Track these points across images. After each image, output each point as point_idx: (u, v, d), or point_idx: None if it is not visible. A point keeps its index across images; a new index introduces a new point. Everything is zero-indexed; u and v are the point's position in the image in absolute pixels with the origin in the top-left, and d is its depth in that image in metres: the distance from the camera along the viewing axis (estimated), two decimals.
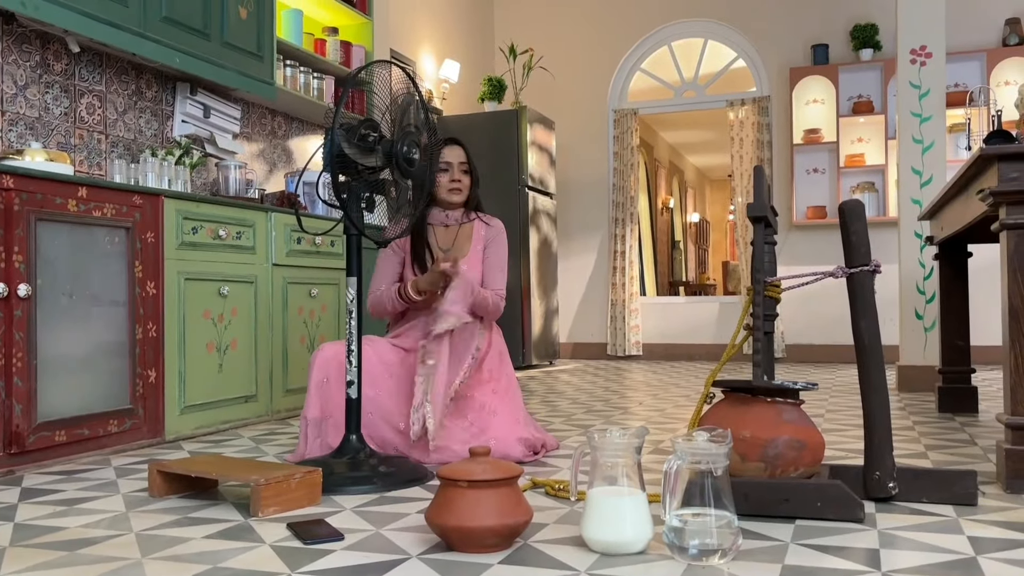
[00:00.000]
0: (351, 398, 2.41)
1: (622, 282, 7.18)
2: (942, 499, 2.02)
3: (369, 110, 2.45)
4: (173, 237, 3.11)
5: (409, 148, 2.39)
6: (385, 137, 2.41)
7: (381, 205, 2.54)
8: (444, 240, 2.91)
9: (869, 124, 6.68)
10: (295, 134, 4.91)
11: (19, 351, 2.50)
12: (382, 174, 2.44)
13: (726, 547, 1.57)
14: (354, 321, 2.43)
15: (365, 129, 2.38)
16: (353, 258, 2.46)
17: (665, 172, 12.57)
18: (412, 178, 2.46)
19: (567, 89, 7.42)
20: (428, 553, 1.65)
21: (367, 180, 2.41)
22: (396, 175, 2.43)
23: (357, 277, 2.45)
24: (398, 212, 2.53)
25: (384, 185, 2.45)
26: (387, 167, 2.40)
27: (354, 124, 2.38)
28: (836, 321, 6.59)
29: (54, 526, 1.90)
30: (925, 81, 4.56)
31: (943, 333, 3.75)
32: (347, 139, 2.34)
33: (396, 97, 2.47)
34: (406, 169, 2.40)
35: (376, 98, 2.51)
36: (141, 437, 2.97)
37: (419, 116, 2.47)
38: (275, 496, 1.99)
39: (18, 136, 3.25)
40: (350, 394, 2.41)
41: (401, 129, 2.42)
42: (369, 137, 2.38)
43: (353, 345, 2.41)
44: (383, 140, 2.40)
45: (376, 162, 2.38)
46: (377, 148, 2.38)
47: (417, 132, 2.44)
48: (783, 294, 2.16)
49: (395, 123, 2.44)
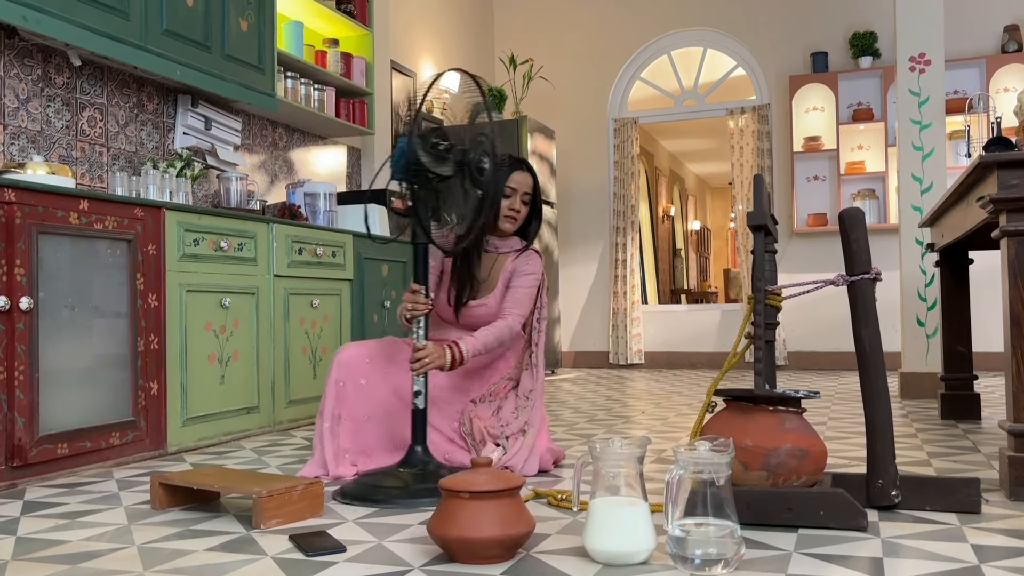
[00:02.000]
0: (418, 408, 2.37)
1: (623, 290, 7.18)
2: (945, 507, 2.02)
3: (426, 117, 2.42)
4: (174, 249, 3.11)
5: (480, 157, 2.36)
6: (456, 146, 2.38)
7: (450, 213, 2.49)
8: (482, 268, 2.81)
9: (869, 131, 6.69)
10: (296, 145, 4.93)
11: (21, 364, 2.51)
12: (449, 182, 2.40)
13: (728, 557, 1.56)
14: (421, 331, 2.39)
15: (435, 137, 2.35)
16: (420, 267, 2.42)
17: (666, 180, 12.58)
18: (481, 187, 2.41)
19: (567, 98, 7.44)
20: (430, 564, 1.65)
21: (435, 188, 2.38)
22: (467, 184, 2.39)
23: (425, 285, 2.42)
24: (464, 221, 2.47)
25: (453, 193, 2.41)
26: (457, 175, 2.37)
27: (425, 132, 2.35)
28: (838, 328, 6.58)
29: (56, 539, 1.90)
30: (924, 88, 4.57)
31: (945, 340, 3.75)
32: (422, 146, 2.30)
33: (466, 106, 2.45)
34: (477, 178, 2.37)
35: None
36: (143, 449, 2.96)
37: (488, 125, 2.41)
38: (277, 508, 1.98)
39: (20, 149, 3.26)
40: (417, 404, 2.37)
41: (473, 138, 2.39)
42: (440, 145, 2.35)
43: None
44: (454, 148, 2.37)
45: (448, 170, 2.36)
46: (448, 156, 2.35)
47: (488, 141, 2.39)
48: (784, 302, 2.16)
49: (467, 131, 2.41)
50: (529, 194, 2.78)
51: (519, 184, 2.75)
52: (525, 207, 2.79)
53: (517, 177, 2.75)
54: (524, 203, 2.78)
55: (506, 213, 2.75)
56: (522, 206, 2.77)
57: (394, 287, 4.53)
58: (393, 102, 5.78)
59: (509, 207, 2.75)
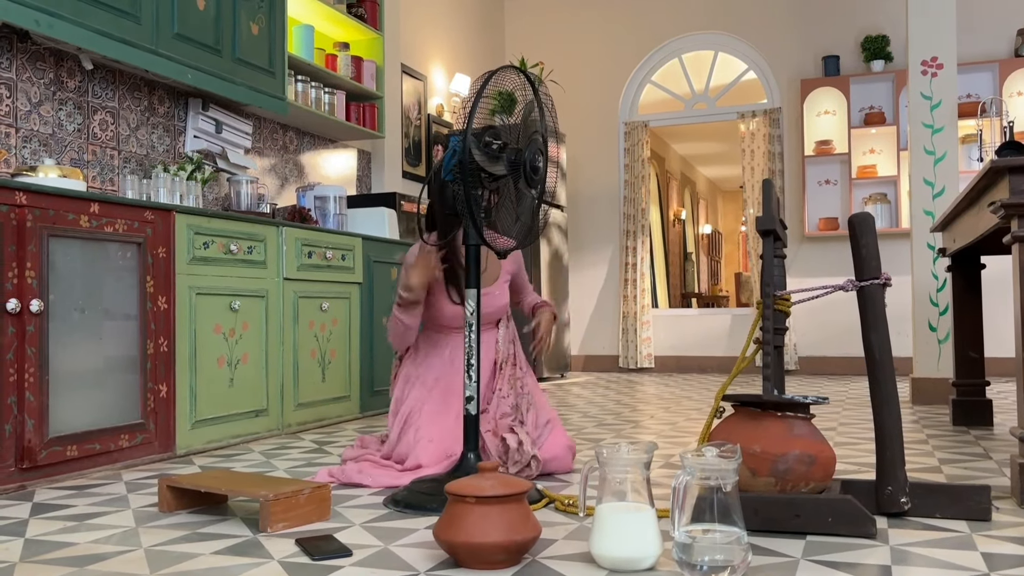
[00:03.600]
0: (470, 414, 2.31)
1: (633, 294, 7.17)
2: (955, 514, 2.00)
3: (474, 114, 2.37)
4: (184, 252, 3.12)
5: (535, 156, 2.30)
6: (509, 145, 2.31)
7: (503, 213, 2.42)
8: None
9: (881, 135, 6.66)
10: (306, 149, 4.94)
11: (31, 366, 2.52)
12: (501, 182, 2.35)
13: (735, 563, 1.55)
14: (474, 335, 2.31)
15: (488, 136, 2.29)
16: (472, 268, 2.34)
17: (677, 184, 12.56)
18: (535, 187, 2.35)
19: (577, 102, 7.43)
20: (436, 569, 1.65)
21: (488, 188, 2.33)
22: (522, 184, 2.34)
23: (477, 289, 2.34)
24: (518, 222, 2.40)
25: (506, 194, 2.36)
26: (511, 175, 2.31)
27: (479, 131, 2.29)
28: (849, 333, 6.55)
29: (64, 541, 1.91)
30: (936, 92, 4.55)
31: (957, 345, 3.72)
32: (476, 145, 2.25)
33: (520, 105, 2.39)
34: (531, 178, 2.31)
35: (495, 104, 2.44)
36: (152, 452, 2.97)
37: (542, 123, 2.36)
38: (284, 511, 1.98)
39: (32, 152, 3.28)
40: (469, 410, 2.30)
41: (527, 137, 2.34)
42: (493, 145, 2.29)
43: (472, 359, 2.30)
44: (508, 148, 2.30)
45: (502, 170, 2.30)
46: (501, 156, 2.29)
47: (542, 139, 2.34)
48: (794, 307, 2.15)
49: (520, 130, 2.35)
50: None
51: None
52: None
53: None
54: None
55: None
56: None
57: None
58: (404, 105, 5.79)
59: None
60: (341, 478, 2.55)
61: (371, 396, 4.24)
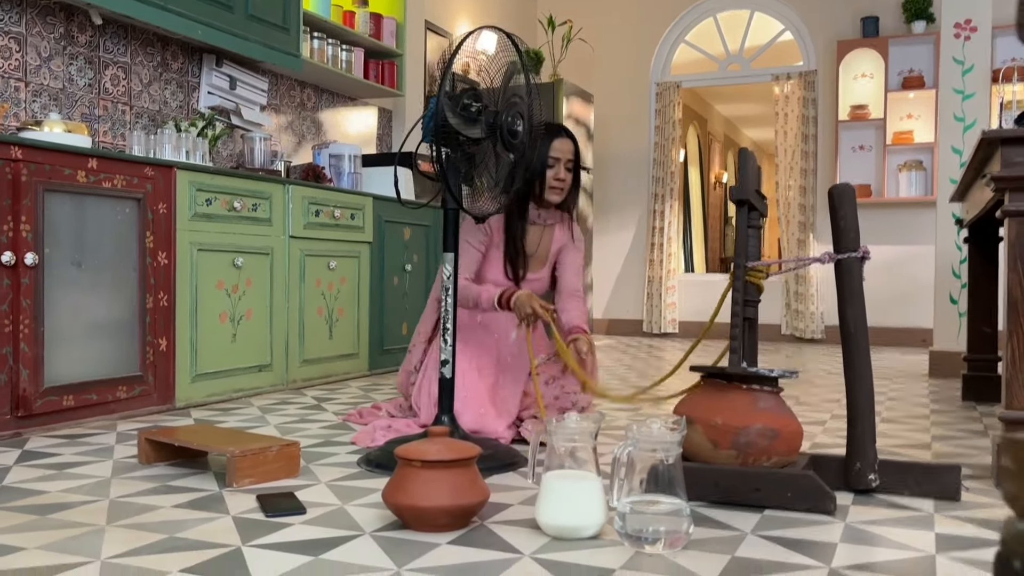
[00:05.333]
0: (445, 378, 2.30)
1: (660, 259, 7.10)
2: (924, 493, 1.96)
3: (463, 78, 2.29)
4: (186, 208, 3.16)
5: (513, 120, 2.25)
6: (488, 107, 2.26)
7: (483, 178, 2.38)
8: (530, 241, 2.79)
9: (919, 100, 6.45)
10: (325, 106, 4.94)
11: (26, 318, 2.58)
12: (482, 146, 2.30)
13: (675, 535, 1.55)
14: (450, 299, 2.29)
15: (468, 99, 2.24)
16: (450, 233, 2.31)
17: (719, 146, 12.32)
18: (514, 151, 2.29)
19: (607, 62, 7.32)
20: (382, 531, 1.66)
21: (466, 152, 2.28)
22: (499, 148, 2.29)
23: (454, 253, 2.31)
24: (496, 187, 2.36)
25: (485, 158, 2.32)
26: (489, 138, 2.26)
27: (456, 93, 2.25)
28: (876, 303, 6.42)
29: (37, 489, 1.96)
30: (969, 56, 4.38)
31: (971, 319, 3.63)
32: (451, 108, 2.20)
33: (500, 65, 2.33)
34: (509, 142, 2.26)
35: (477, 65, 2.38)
36: (151, 404, 3.04)
37: (525, 86, 2.29)
38: (251, 468, 2.02)
39: (42, 107, 3.33)
40: (444, 373, 2.30)
41: (506, 100, 2.28)
42: (472, 107, 2.24)
43: (448, 323, 2.29)
44: (486, 110, 2.25)
45: (479, 133, 2.25)
46: (480, 119, 2.24)
47: (522, 102, 2.28)
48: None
49: (500, 92, 2.29)
50: (572, 160, 2.72)
51: (561, 152, 2.69)
52: (569, 175, 2.72)
53: (558, 145, 2.68)
54: (568, 171, 2.71)
55: (552, 184, 2.69)
56: (566, 174, 2.71)
57: (416, 251, 4.54)
58: (428, 63, 5.75)
59: (554, 177, 2.69)
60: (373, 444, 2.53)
61: (380, 354, 4.28)
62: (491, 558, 1.51)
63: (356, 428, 2.79)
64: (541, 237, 2.81)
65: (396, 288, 4.38)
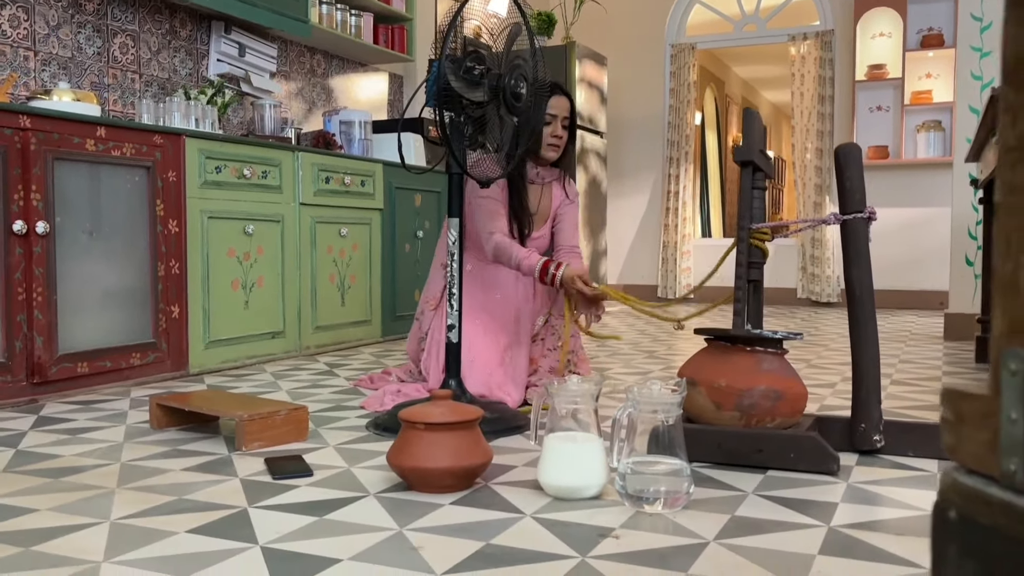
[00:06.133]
0: (451, 342, 2.30)
1: (675, 223, 7.07)
2: (929, 454, 1.96)
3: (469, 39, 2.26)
4: (195, 176, 3.17)
5: (517, 82, 2.23)
6: (491, 70, 2.23)
7: (488, 141, 2.35)
8: (531, 200, 2.80)
9: (939, 59, 6.35)
10: (335, 72, 4.93)
11: (39, 286, 2.61)
12: (486, 109, 2.27)
13: (675, 495, 1.56)
14: (455, 264, 2.28)
15: (471, 61, 2.21)
16: (455, 198, 2.31)
17: (738, 109, 12.19)
18: (518, 115, 2.28)
19: (621, 23, 7.23)
20: (386, 492, 1.69)
21: (471, 116, 2.24)
22: (502, 111, 2.27)
23: (459, 218, 2.30)
24: (500, 150, 2.34)
25: (488, 121, 2.29)
26: (493, 102, 2.24)
27: (459, 56, 2.22)
28: (897, 266, 6.38)
29: (52, 453, 2.00)
30: (988, 12, 4.30)
31: (984, 280, 3.60)
32: (453, 71, 2.17)
33: (504, 27, 2.31)
34: (513, 105, 2.24)
35: (480, 27, 2.37)
36: (164, 370, 3.08)
37: (528, 48, 2.28)
38: (260, 431, 2.05)
39: (51, 76, 3.34)
40: (451, 338, 2.29)
41: (509, 62, 2.26)
42: (475, 70, 2.21)
43: (455, 288, 2.29)
44: (489, 73, 2.22)
45: (482, 96, 2.22)
46: (483, 82, 2.21)
47: (525, 64, 2.27)
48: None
49: (503, 55, 2.27)
50: (568, 118, 2.75)
51: (558, 109, 2.72)
52: (566, 132, 2.76)
53: (555, 102, 2.71)
54: (564, 128, 2.75)
55: (549, 141, 2.73)
56: (563, 131, 2.75)
57: (428, 217, 4.54)
58: (439, 27, 5.70)
59: (551, 134, 2.72)
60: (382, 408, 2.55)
61: (393, 321, 4.30)
62: (492, 518, 1.52)
63: (367, 393, 2.82)
64: (541, 195, 2.83)
65: (408, 255, 4.39)
